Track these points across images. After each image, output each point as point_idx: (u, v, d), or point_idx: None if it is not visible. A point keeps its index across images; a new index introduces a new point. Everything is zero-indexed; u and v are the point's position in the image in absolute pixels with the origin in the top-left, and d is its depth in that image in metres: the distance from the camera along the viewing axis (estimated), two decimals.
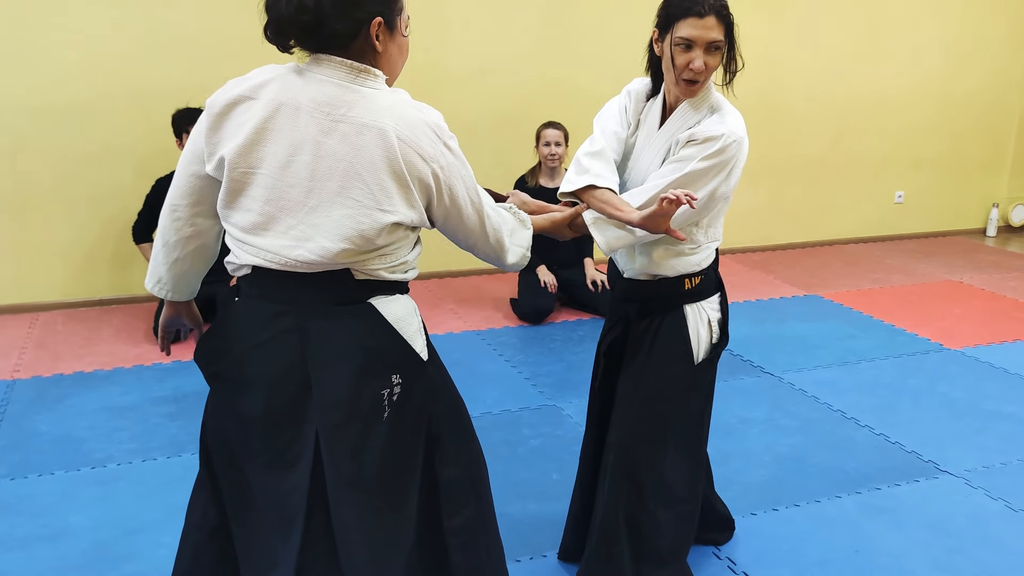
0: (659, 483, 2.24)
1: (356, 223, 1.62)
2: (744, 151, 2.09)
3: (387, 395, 1.70)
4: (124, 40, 4.67)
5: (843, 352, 4.29)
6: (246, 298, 1.72)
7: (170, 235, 1.82)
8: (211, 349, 1.77)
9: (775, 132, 6.15)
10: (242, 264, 1.71)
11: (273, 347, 1.67)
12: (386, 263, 1.71)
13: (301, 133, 1.62)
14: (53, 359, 4.13)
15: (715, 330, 2.24)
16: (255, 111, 1.63)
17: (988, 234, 7.05)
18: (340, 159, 1.61)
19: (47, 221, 4.78)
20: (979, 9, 6.57)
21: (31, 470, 3.06)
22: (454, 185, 1.71)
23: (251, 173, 1.64)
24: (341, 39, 1.63)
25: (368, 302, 1.71)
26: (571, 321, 4.75)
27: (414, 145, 1.63)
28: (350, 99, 1.63)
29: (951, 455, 3.22)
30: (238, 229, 1.69)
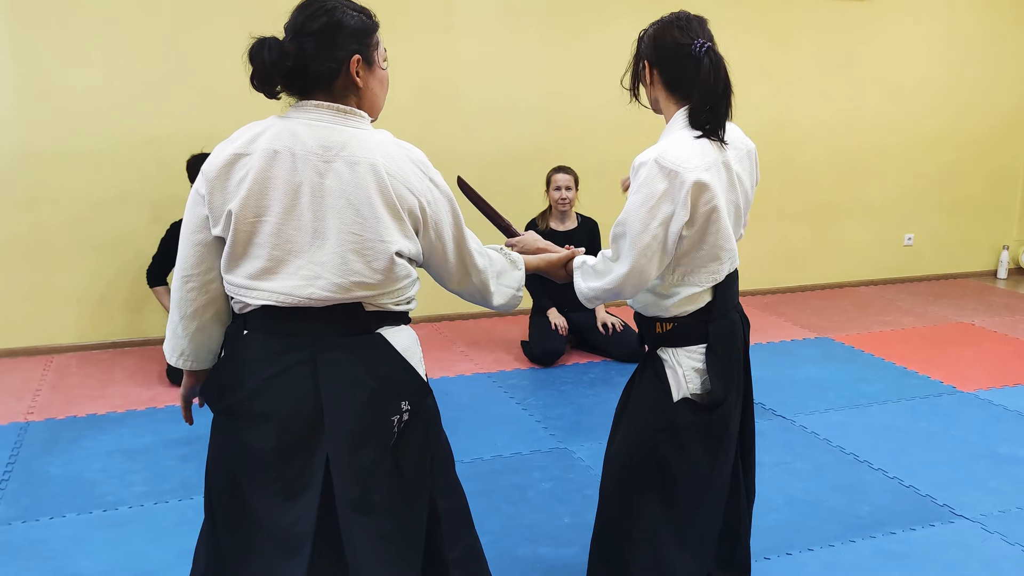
0: (633, 527, 2.15)
1: (361, 257, 1.68)
2: (679, 183, 1.93)
3: (397, 421, 1.75)
4: (138, 87, 4.76)
5: (855, 395, 4.27)
6: (255, 332, 1.75)
7: (186, 306, 1.84)
8: (221, 384, 1.80)
9: (784, 175, 6.19)
10: (250, 304, 1.74)
11: (286, 379, 1.70)
12: (392, 297, 1.76)
13: (299, 177, 1.67)
14: (66, 401, 4.15)
15: (689, 378, 2.11)
16: (252, 163, 1.68)
17: (999, 276, 7.04)
18: (338, 196, 1.67)
19: (62, 265, 4.83)
20: (986, 53, 6.63)
21: (43, 513, 3.06)
22: (440, 220, 1.78)
23: (258, 222, 1.69)
24: (324, 80, 1.71)
25: (377, 332, 1.76)
26: (582, 364, 4.75)
27: (401, 179, 1.71)
28: (340, 140, 1.69)
29: (966, 499, 3.19)
30: (246, 277, 1.73)
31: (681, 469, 2.14)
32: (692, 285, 2.09)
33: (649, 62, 2.06)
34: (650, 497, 2.15)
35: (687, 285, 2.09)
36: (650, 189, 1.95)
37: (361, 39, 1.73)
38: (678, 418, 2.11)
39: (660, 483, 2.15)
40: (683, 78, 2.02)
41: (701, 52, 1.98)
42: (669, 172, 1.94)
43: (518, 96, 5.47)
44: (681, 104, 2.06)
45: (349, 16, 1.72)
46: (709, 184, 1.96)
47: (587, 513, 3.05)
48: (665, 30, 2.03)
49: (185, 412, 2.05)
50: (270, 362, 1.72)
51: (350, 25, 1.72)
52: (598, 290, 2.10)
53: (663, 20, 2.06)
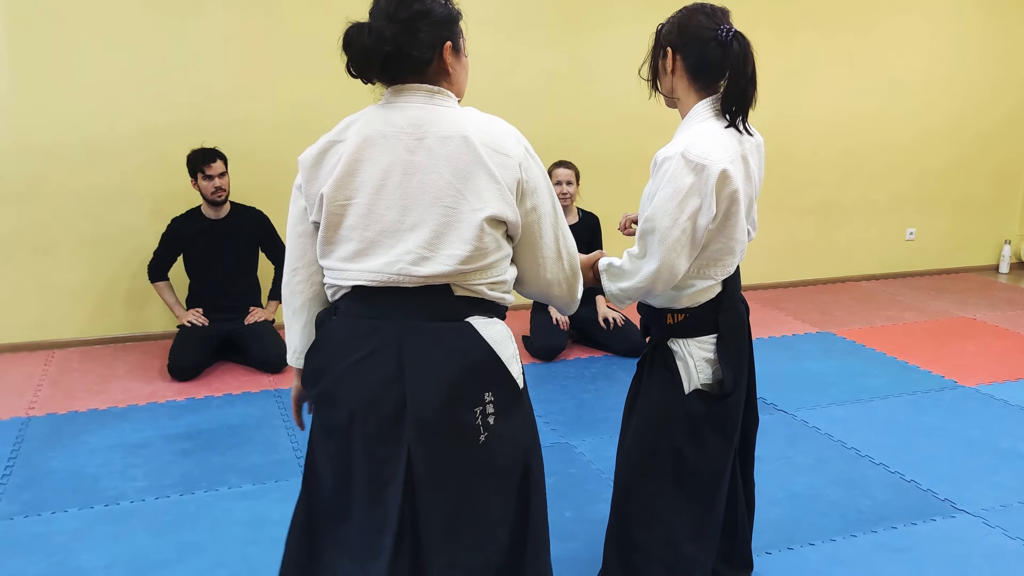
0: (651, 519, 2.18)
1: (452, 229, 1.66)
2: (706, 177, 1.94)
3: (480, 414, 1.70)
4: (139, 82, 4.75)
5: (857, 389, 4.27)
6: (344, 316, 1.75)
7: (295, 299, 1.86)
8: (313, 369, 1.80)
9: (787, 170, 6.18)
10: (342, 286, 1.74)
11: (371, 362, 1.68)
12: (486, 278, 1.73)
13: (389, 157, 1.68)
14: (68, 397, 4.15)
15: (700, 369, 2.13)
16: (344, 149, 1.70)
17: (1001, 271, 7.03)
18: (429, 172, 1.67)
19: (63, 260, 4.83)
20: (986, 48, 6.61)
21: (44, 508, 3.06)
22: (539, 187, 1.75)
23: (348, 204, 1.70)
24: (419, 65, 1.72)
25: (466, 320, 1.72)
26: (583, 359, 4.75)
27: (497, 146, 1.70)
28: (429, 117, 1.70)
29: (968, 494, 3.19)
30: (340, 260, 1.73)
31: (696, 460, 2.16)
32: (707, 278, 2.11)
33: (673, 48, 2.04)
34: (666, 488, 2.17)
35: (702, 278, 2.10)
36: (677, 184, 1.95)
37: (450, 26, 1.76)
38: (691, 409, 2.13)
39: (676, 474, 2.17)
40: (708, 64, 2.03)
41: (728, 37, 1.99)
42: (696, 166, 1.94)
43: (519, 90, 5.45)
44: (702, 94, 2.06)
45: (438, 4, 1.74)
46: (732, 176, 1.97)
47: (589, 507, 3.05)
48: (690, 16, 2.04)
49: (296, 416, 2.02)
50: (357, 345, 1.71)
51: (439, 12, 1.74)
52: (629, 290, 2.08)
53: (687, 8, 2.06)
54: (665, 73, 2.10)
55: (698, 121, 2.04)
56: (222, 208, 4.58)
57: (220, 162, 4.46)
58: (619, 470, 2.28)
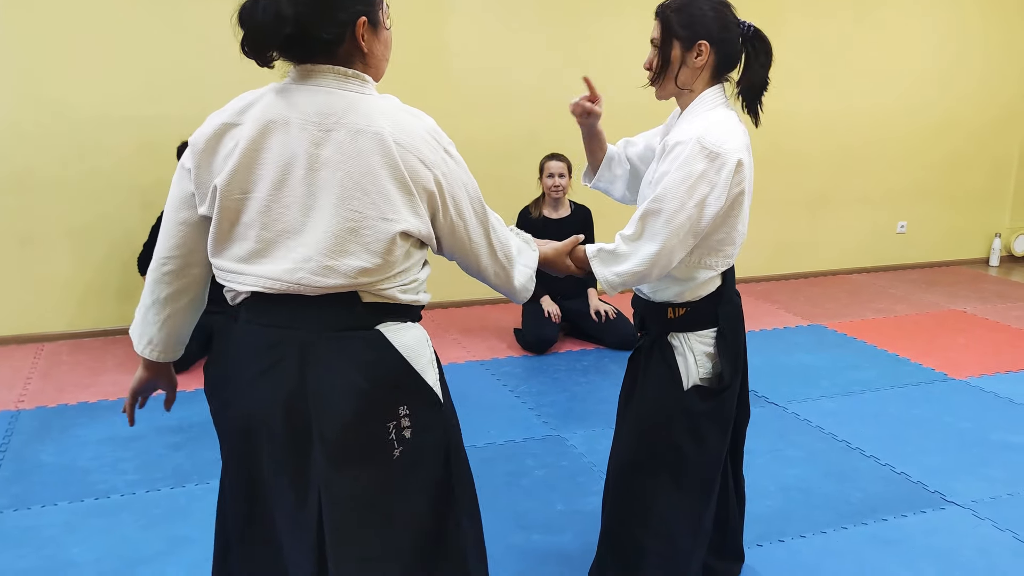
0: (648, 514, 2.18)
1: (359, 237, 1.51)
2: (719, 165, 1.94)
3: (393, 429, 1.57)
4: (129, 72, 4.73)
5: (848, 382, 4.28)
6: (245, 324, 1.61)
7: (160, 291, 1.70)
8: (216, 376, 1.68)
9: (778, 163, 6.18)
10: (240, 292, 1.61)
11: (274, 377, 1.56)
12: (398, 282, 1.59)
13: (292, 148, 1.51)
14: (57, 390, 4.13)
15: (701, 363, 2.14)
16: (242, 134, 1.54)
17: (991, 264, 7.05)
18: (336, 169, 1.50)
19: (52, 252, 4.80)
20: (979, 42, 6.62)
21: (34, 501, 3.05)
22: (457, 194, 1.61)
23: (244, 199, 1.54)
24: (326, 46, 1.54)
25: (376, 328, 1.58)
26: (575, 351, 4.75)
27: (413, 150, 1.54)
28: (341, 106, 1.53)
29: (958, 486, 3.20)
30: (234, 261, 1.58)
31: (696, 456, 2.17)
32: (708, 269, 2.11)
33: (710, 41, 2.00)
34: (664, 484, 2.17)
35: (704, 269, 2.10)
36: (690, 168, 1.93)
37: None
38: (690, 405, 2.13)
39: (674, 470, 2.17)
40: (734, 56, 2.05)
41: (751, 32, 2.03)
42: (711, 153, 1.93)
43: (512, 82, 5.44)
44: (712, 83, 2.06)
45: None
46: (745, 166, 1.99)
47: (580, 500, 3.06)
48: (722, 10, 2.02)
49: (129, 409, 1.89)
50: (259, 356, 1.57)
51: None
52: (626, 274, 2.00)
53: (712, 1, 2.03)
54: (688, 66, 2.02)
55: (707, 108, 2.03)
56: None
57: None
58: (615, 466, 2.27)
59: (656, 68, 2.06)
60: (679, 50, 2.02)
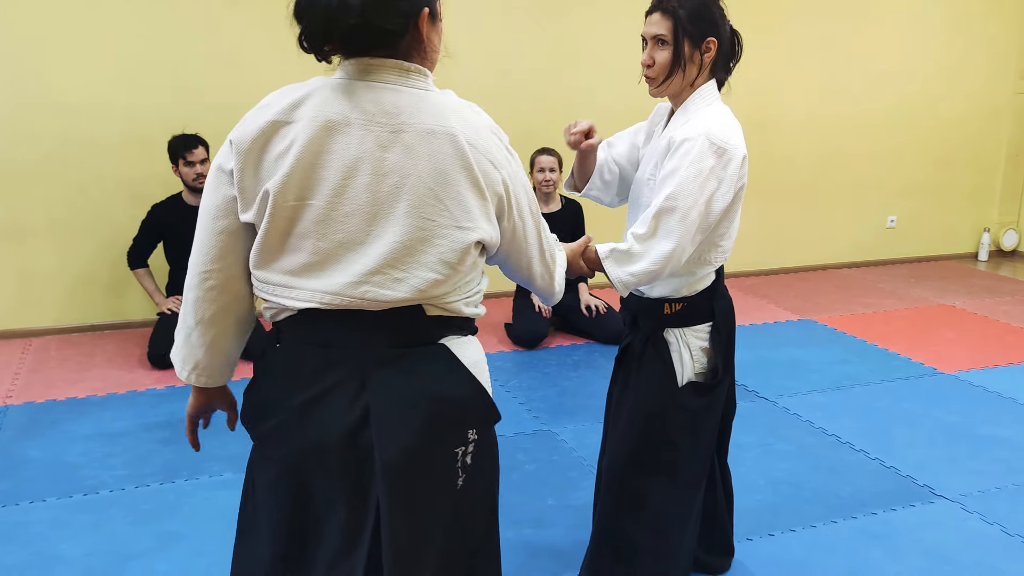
0: (643, 510, 2.19)
1: (432, 247, 1.41)
2: (726, 161, 1.96)
3: (461, 455, 1.47)
4: (117, 65, 4.69)
5: (837, 376, 4.29)
6: (292, 344, 1.47)
7: (205, 309, 1.53)
8: (257, 404, 1.52)
9: (767, 158, 6.19)
10: (287, 307, 1.45)
11: (329, 403, 1.43)
12: (464, 294, 1.48)
13: (355, 151, 1.38)
14: (46, 385, 4.11)
15: (697, 358, 2.15)
16: (296, 135, 1.40)
17: (980, 258, 7.08)
18: (406, 174, 1.39)
19: (41, 246, 4.77)
20: (966, 38, 6.64)
21: (23, 497, 3.03)
22: (519, 195, 1.51)
23: (300, 206, 1.40)
24: (389, 38, 1.41)
25: (440, 343, 1.48)
26: (565, 346, 4.75)
27: (485, 152, 1.44)
28: (407, 104, 1.41)
29: (946, 479, 3.22)
30: (284, 274, 1.44)
31: (691, 450, 2.18)
32: (704, 264, 2.12)
33: (716, 36, 2.02)
34: (658, 480, 2.18)
35: (701, 264, 2.12)
36: (700, 165, 1.94)
37: None
38: (686, 401, 2.14)
39: (670, 466, 2.18)
40: (729, 52, 2.09)
41: (732, 32, 2.08)
42: (718, 149, 1.95)
43: (505, 77, 5.43)
44: (705, 80, 2.07)
45: None
46: (746, 160, 2.01)
47: (571, 494, 3.06)
48: (718, 8, 2.05)
49: (191, 435, 1.73)
50: (309, 381, 1.44)
51: None
52: (641, 273, 1.98)
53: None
54: (695, 63, 2.03)
55: (706, 104, 2.05)
56: None
57: (202, 148, 4.42)
58: (610, 463, 2.27)
59: (667, 66, 2.02)
60: (690, 47, 2.01)
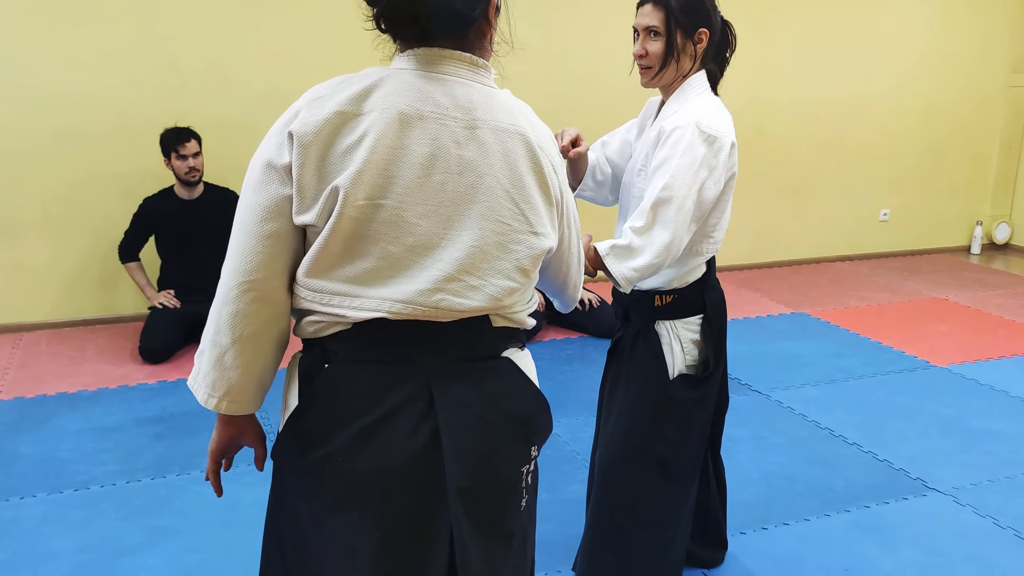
0: (637, 504, 2.20)
1: (509, 253, 1.33)
2: (716, 149, 1.97)
3: (525, 475, 1.39)
4: (108, 59, 4.66)
5: (830, 370, 4.29)
6: (346, 362, 1.34)
7: (246, 325, 1.34)
8: (306, 432, 1.34)
9: (762, 151, 6.18)
10: (344, 318, 1.32)
11: (395, 424, 1.31)
12: (527, 304, 1.42)
13: (429, 147, 1.29)
14: (36, 380, 4.09)
15: (688, 351, 2.15)
16: (366, 128, 1.27)
17: (973, 252, 7.09)
18: (483, 174, 1.31)
19: (31, 240, 4.74)
20: (959, 30, 6.64)
21: (13, 493, 3.02)
22: (570, 203, 1.46)
23: (371, 206, 1.27)
24: (463, 25, 1.33)
25: (504, 356, 1.40)
26: (559, 340, 4.74)
27: (550, 155, 1.38)
28: (480, 100, 1.33)
29: (939, 472, 3.22)
30: (346, 282, 1.31)
31: (683, 444, 2.18)
32: (696, 255, 2.12)
33: (709, 29, 2.03)
34: (652, 475, 2.18)
35: (692, 255, 2.11)
36: (693, 154, 1.94)
37: None
38: (677, 395, 2.14)
39: (662, 459, 2.18)
40: (721, 44, 2.09)
41: (723, 23, 2.09)
42: (708, 137, 1.95)
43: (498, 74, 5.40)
44: (695, 71, 2.08)
45: None
46: (736, 148, 2.01)
47: (564, 489, 3.05)
48: (711, 2, 2.05)
49: (214, 477, 1.51)
50: (370, 403, 1.31)
51: None
52: (643, 267, 1.95)
53: None
54: (687, 54, 2.04)
55: (696, 94, 2.05)
56: (195, 188, 4.52)
57: (194, 142, 4.40)
58: (602, 457, 2.27)
59: (660, 57, 2.02)
60: (682, 38, 2.02)
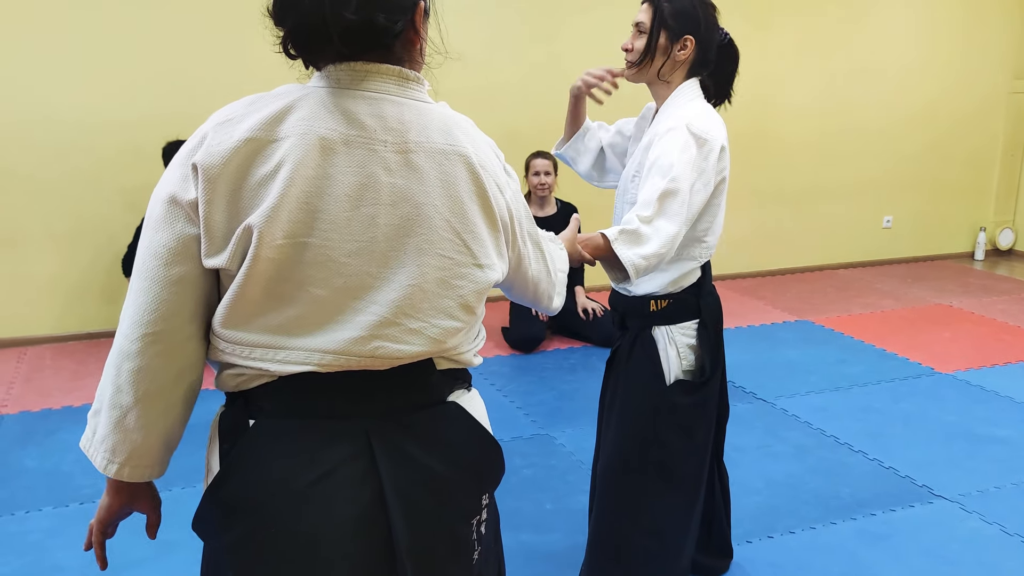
0: (639, 511, 2.19)
1: (452, 290, 1.21)
2: (706, 152, 1.98)
3: (476, 526, 1.28)
4: (111, 72, 4.68)
5: (835, 377, 4.29)
6: (275, 419, 1.20)
7: (150, 381, 1.19)
8: (230, 502, 1.20)
9: (764, 159, 6.19)
10: (269, 372, 1.18)
11: (332, 486, 1.17)
12: (474, 343, 1.30)
13: (357, 176, 1.14)
14: (41, 394, 4.09)
15: (684, 355, 2.14)
16: (282, 156, 1.12)
17: (976, 258, 7.08)
18: (419, 203, 1.17)
19: (35, 254, 4.76)
20: (959, 37, 6.65)
21: (18, 507, 3.02)
22: (522, 218, 1.33)
23: (292, 245, 1.13)
24: (385, 37, 1.17)
25: (450, 400, 1.29)
26: (563, 349, 4.74)
27: (493, 174, 1.25)
28: (412, 119, 1.19)
29: (945, 479, 3.21)
30: (268, 332, 1.17)
31: (682, 450, 2.18)
32: (688, 259, 2.12)
33: (694, 36, 2.05)
34: (652, 480, 2.18)
35: (684, 259, 2.12)
36: (689, 152, 1.97)
37: None
38: (675, 399, 2.14)
39: (662, 466, 2.18)
40: (710, 55, 2.10)
41: (726, 40, 2.12)
42: (699, 139, 1.98)
43: (494, 82, 5.42)
44: (687, 77, 2.10)
45: None
46: (727, 151, 2.03)
47: (569, 499, 3.05)
48: (707, 9, 2.07)
49: (99, 548, 1.38)
50: (306, 461, 1.17)
51: None
52: (652, 256, 1.92)
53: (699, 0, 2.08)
54: (671, 58, 2.06)
55: (687, 100, 2.08)
56: None
57: None
58: (603, 465, 2.27)
59: (640, 53, 2.08)
60: (666, 40, 2.05)
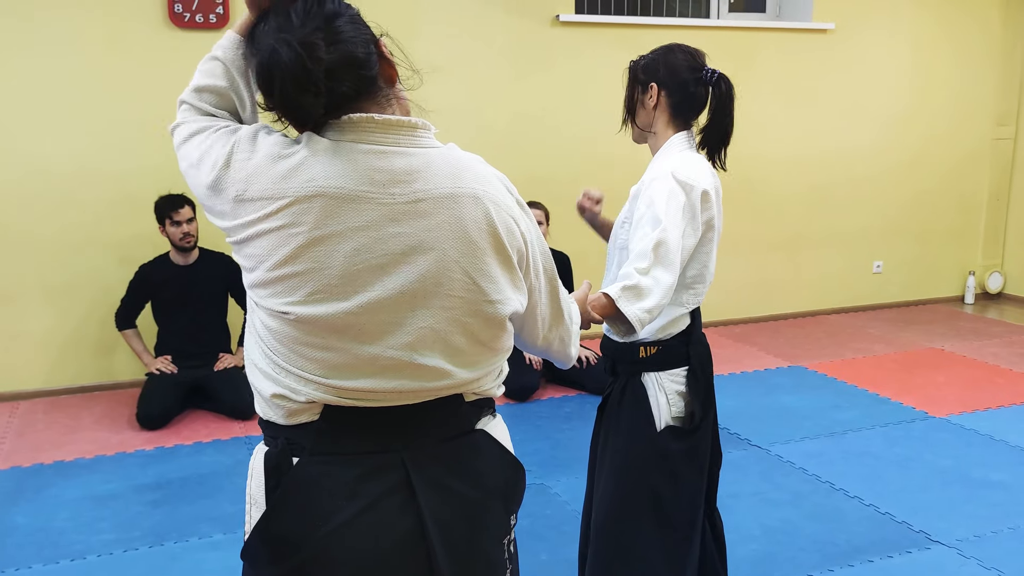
0: (632, 558, 2.17)
1: (464, 329, 1.26)
2: (694, 198, 2.01)
3: (507, 544, 1.35)
4: (104, 126, 4.73)
5: (829, 423, 4.29)
6: (318, 457, 1.26)
7: None
8: (281, 537, 1.26)
9: (754, 206, 6.24)
10: (308, 402, 1.25)
11: (374, 517, 1.24)
12: (496, 376, 1.37)
13: (365, 232, 1.19)
14: (33, 449, 4.06)
15: (673, 402, 2.14)
16: (286, 218, 1.18)
17: (966, 301, 7.12)
18: (427, 249, 1.21)
19: (28, 308, 4.76)
20: (943, 84, 6.76)
21: (7, 565, 2.98)
22: (535, 254, 1.35)
23: (310, 302, 1.23)
24: (367, 81, 1.22)
25: (479, 429, 1.36)
26: (557, 398, 4.74)
27: (506, 209, 1.28)
28: (419, 167, 1.22)
29: (942, 525, 3.20)
30: (308, 371, 1.25)
31: (674, 496, 2.17)
32: (678, 305, 2.13)
33: (659, 85, 2.12)
34: (646, 527, 2.17)
35: (673, 305, 2.12)
36: (676, 201, 2.00)
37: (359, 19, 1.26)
38: (666, 446, 2.13)
39: (654, 512, 2.17)
40: (691, 102, 2.13)
41: (713, 78, 2.11)
42: (685, 185, 2.01)
43: (487, 131, 5.49)
44: (678, 129, 2.14)
45: None
46: (713, 199, 2.06)
47: (565, 549, 3.03)
48: (674, 56, 2.12)
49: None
50: (348, 495, 1.23)
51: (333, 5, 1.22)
52: (653, 308, 1.95)
53: (667, 47, 2.15)
54: (644, 108, 2.15)
55: (676, 151, 2.12)
56: (191, 254, 4.56)
57: (188, 208, 4.44)
58: (595, 513, 2.26)
59: (624, 111, 2.20)
60: (638, 92, 2.16)
